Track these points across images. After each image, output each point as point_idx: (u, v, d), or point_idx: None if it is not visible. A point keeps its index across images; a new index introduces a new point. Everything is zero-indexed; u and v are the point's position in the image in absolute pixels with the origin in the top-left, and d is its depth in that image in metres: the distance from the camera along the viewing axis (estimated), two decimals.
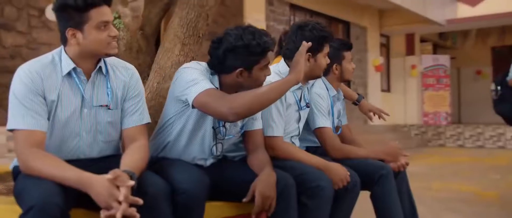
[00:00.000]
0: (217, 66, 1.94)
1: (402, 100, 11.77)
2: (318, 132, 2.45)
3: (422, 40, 12.64)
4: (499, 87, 3.86)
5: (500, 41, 12.59)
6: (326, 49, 2.29)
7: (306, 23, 2.28)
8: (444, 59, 12.26)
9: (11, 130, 1.66)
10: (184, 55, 2.85)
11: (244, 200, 1.85)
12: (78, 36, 1.68)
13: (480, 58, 13.87)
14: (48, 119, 1.70)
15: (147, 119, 1.89)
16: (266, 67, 1.94)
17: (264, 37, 1.88)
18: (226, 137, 2.01)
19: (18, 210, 1.47)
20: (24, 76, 1.66)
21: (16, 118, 1.63)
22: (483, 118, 13.10)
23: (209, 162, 2.04)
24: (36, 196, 1.44)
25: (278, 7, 8.16)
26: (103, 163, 1.82)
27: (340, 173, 2.13)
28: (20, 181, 1.62)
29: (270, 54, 1.96)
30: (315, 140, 2.52)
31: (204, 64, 1.99)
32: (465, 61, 13.93)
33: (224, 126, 1.99)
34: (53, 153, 1.66)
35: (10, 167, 1.84)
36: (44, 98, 1.68)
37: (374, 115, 2.88)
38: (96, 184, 1.51)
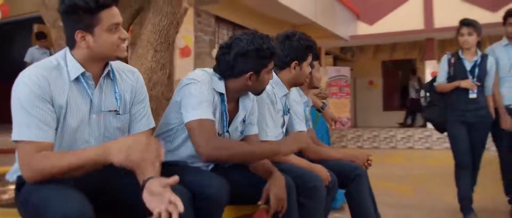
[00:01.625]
0: (226, 71, 1.87)
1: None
2: None
3: (326, 53, 13.29)
4: (427, 93, 3.79)
5: (390, 56, 13.64)
6: (310, 58, 2.33)
7: (293, 33, 2.30)
8: (345, 71, 12.99)
9: (15, 141, 1.44)
10: (156, 62, 2.74)
11: (260, 203, 1.80)
12: (88, 39, 1.52)
13: (373, 70, 14.90)
14: (57, 127, 1.51)
15: (153, 123, 1.77)
16: (271, 70, 1.93)
17: (272, 42, 1.87)
18: None
19: None
20: (29, 81, 1.46)
21: (21, 127, 1.43)
22: (374, 122, 14.16)
23: (210, 167, 1.96)
24: (68, 206, 1.27)
25: (205, 19, 8.10)
26: (110, 171, 1.67)
27: (324, 173, 2.17)
28: (34, 191, 1.41)
29: None
30: None
31: (209, 71, 1.91)
32: (360, 73, 14.87)
33: (227, 131, 1.93)
34: None
35: (8, 178, 1.59)
36: (52, 105, 1.48)
37: (331, 121, 2.98)
38: (117, 144, 1.42)
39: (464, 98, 3.45)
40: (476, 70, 3.46)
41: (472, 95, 3.42)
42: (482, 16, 9.99)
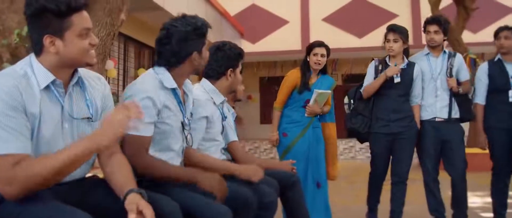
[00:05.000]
0: (172, 60, 1.89)
1: None
2: (231, 145, 2.55)
3: None
4: (352, 100, 3.51)
5: (268, 73, 14.36)
6: (240, 65, 2.46)
7: (223, 44, 2.41)
8: None
9: None
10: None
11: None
12: (58, 44, 1.42)
13: (251, 85, 15.52)
14: (31, 139, 1.39)
15: None
16: (207, 46, 2.00)
17: (201, 19, 1.95)
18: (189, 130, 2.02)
19: None
20: (1, 91, 1.32)
21: None
22: (252, 134, 14.73)
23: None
24: None
25: None
26: (87, 185, 1.60)
27: (259, 172, 2.21)
28: (24, 212, 1.29)
29: None
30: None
31: (152, 72, 1.92)
32: None
33: (186, 117, 1.98)
34: None
35: None
36: (26, 115, 1.36)
37: None
38: (99, 129, 1.37)
39: (389, 107, 3.29)
40: (403, 77, 3.29)
41: (397, 79, 3.25)
42: (351, 41, 11.25)
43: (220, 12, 10.58)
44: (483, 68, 3.55)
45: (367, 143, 3.47)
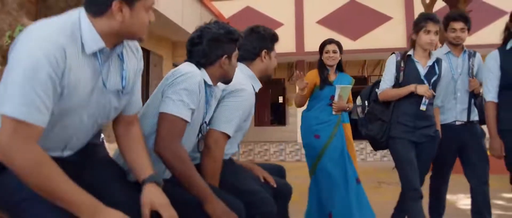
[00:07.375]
0: (201, 60, 1.90)
1: None
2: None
3: None
4: (366, 102, 3.06)
5: None
6: (275, 50, 2.38)
7: (256, 26, 2.36)
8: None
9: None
10: None
11: None
12: (125, 12, 1.34)
13: None
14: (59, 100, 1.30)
15: (141, 104, 1.70)
16: (237, 55, 2.00)
17: (235, 28, 1.97)
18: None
19: None
20: (46, 47, 1.22)
21: (17, 103, 1.19)
22: (247, 137, 14.77)
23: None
24: None
25: None
26: (100, 174, 1.57)
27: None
28: (35, 202, 1.26)
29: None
30: None
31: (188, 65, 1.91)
32: None
33: (205, 122, 1.96)
34: (45, 142, 1.31)
35: None
36: (60, 82, 1.26)
37: None
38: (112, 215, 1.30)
39: (414, 112, 2.79)
40: (432, 77, 2.81)
41: (423, 107, 2.74)
42: (345, 43, 11.25)
43: (215, 14, 10.58)
44: (493, 57, 2.86)
45: (361, 145, 3.40)
